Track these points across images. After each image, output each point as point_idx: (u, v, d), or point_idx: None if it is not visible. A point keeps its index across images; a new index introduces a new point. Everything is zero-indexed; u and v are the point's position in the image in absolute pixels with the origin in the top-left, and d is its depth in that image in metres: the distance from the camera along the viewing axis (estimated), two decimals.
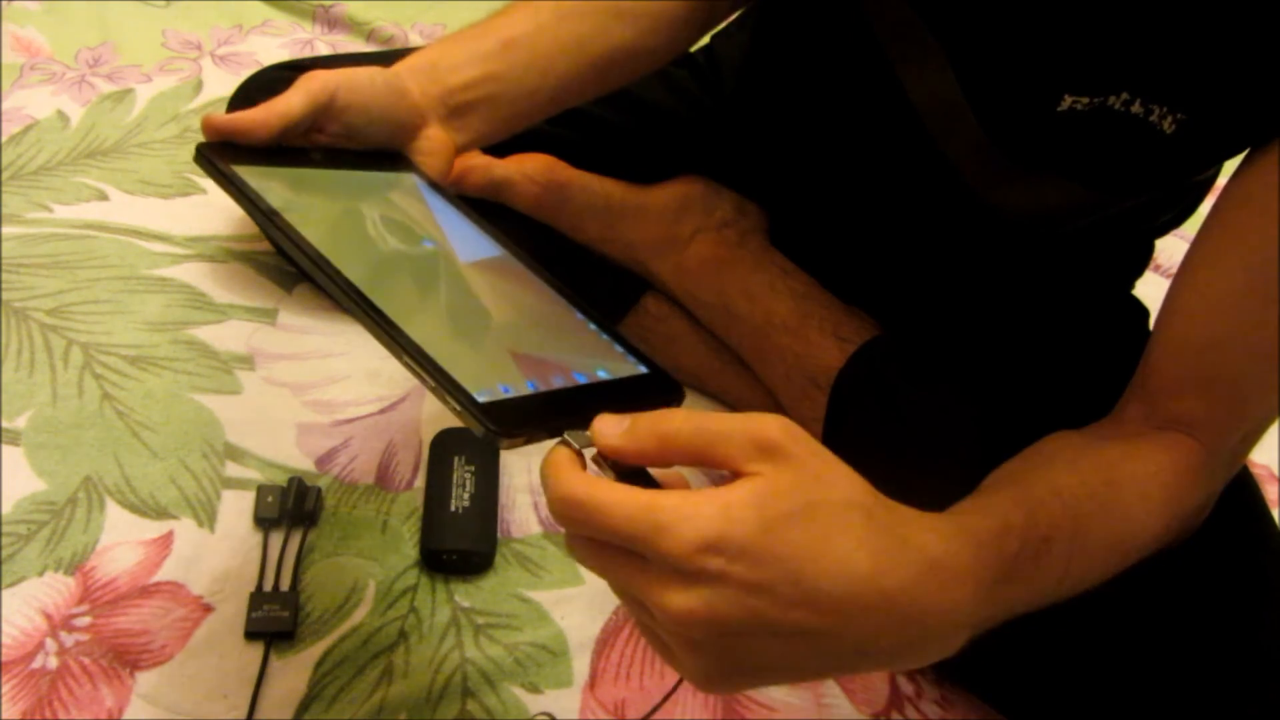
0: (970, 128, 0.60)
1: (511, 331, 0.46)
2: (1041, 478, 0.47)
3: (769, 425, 0.35)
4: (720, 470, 0.35)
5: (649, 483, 0.37)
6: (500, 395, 0.40)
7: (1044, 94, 0.55)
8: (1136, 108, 0.53)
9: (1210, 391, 0.51)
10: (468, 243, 0.52)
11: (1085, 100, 0.55)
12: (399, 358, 0.42)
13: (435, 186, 0.56)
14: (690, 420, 0.35)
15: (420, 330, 0.43)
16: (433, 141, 0.56)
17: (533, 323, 0.48)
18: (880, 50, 0.62)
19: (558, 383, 0.43)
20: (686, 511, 0.33)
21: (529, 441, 0.39)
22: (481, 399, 0.38)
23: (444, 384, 0.39)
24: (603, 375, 0.44)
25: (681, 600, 0.33)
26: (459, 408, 0.38)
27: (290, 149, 0.54)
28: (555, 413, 0.41)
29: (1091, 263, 0.74)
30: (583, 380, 0.43)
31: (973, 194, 0.64)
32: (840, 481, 0.37)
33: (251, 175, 0.49)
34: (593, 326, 0.48)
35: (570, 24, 0.62)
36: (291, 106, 0.51)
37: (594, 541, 0.35)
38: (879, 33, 0.62)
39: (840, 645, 0.36)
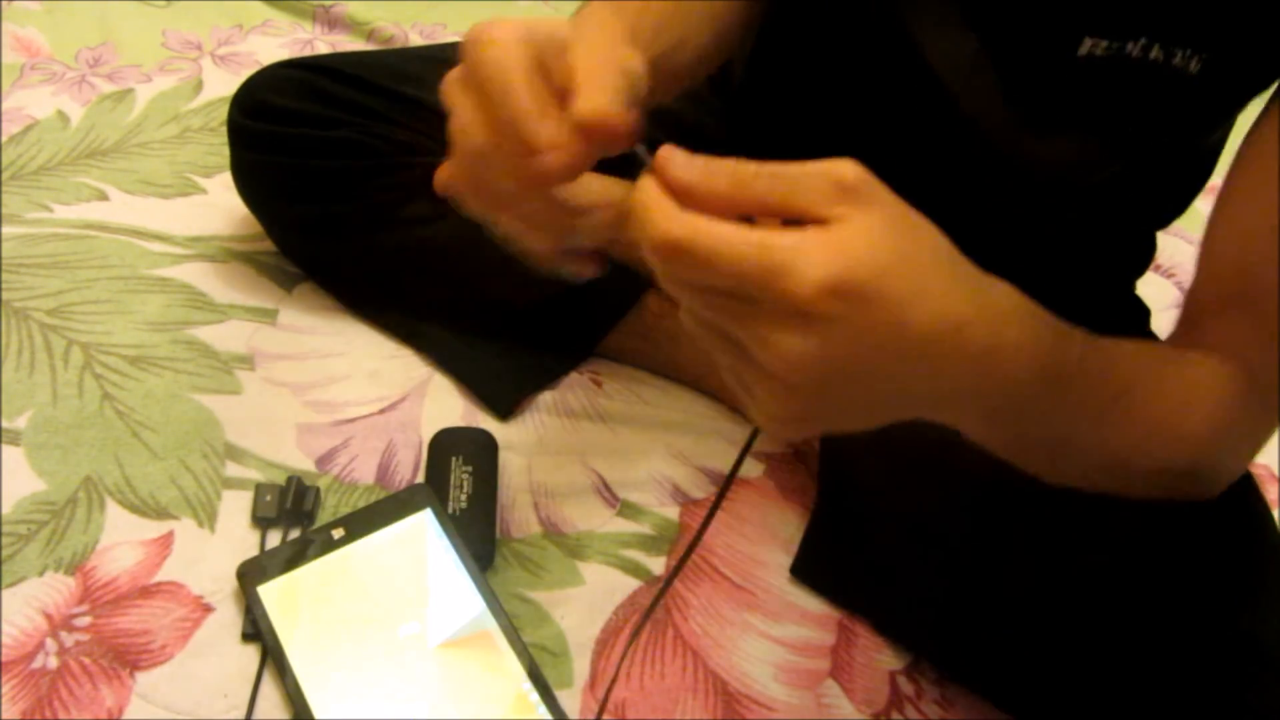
0: (990, 83, 0.60)
1: None
2: (1107, 342, 0.47)
3: (846, 168, 0.34)
4: (795, 218, 0.34)
5: None
6: None
7: (1064, 37, 0.55)
8: (1155, 53, 0.53)
9: (1248, 310, 0.51)
10: (450, 609, 0.63)
11: (1105, 44, 0.54)
12: None
13: (446, 526, 0.67)
14: (763, 166, 0.34)
15: None
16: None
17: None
18: (894, 13, 0.62)
19: None
20: (806, 252, 0.32)
21: None
22: None
23: None
24: None
25: (795, 343, 0.33)
26: None
27: (313, 534, 0.65)
28: None
29: (1096, 258, 0.74)
30: None
31: (994, 153, 0.64)
32: (922, 224, 0.36)
33: (274, 595, 0.62)
34: (542, 712, 0.58)
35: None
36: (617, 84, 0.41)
37: (696, 283, 0.34)
38: None
39: (920, 388, 0.37)
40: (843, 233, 0.33)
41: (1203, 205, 1.27)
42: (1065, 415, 0.45)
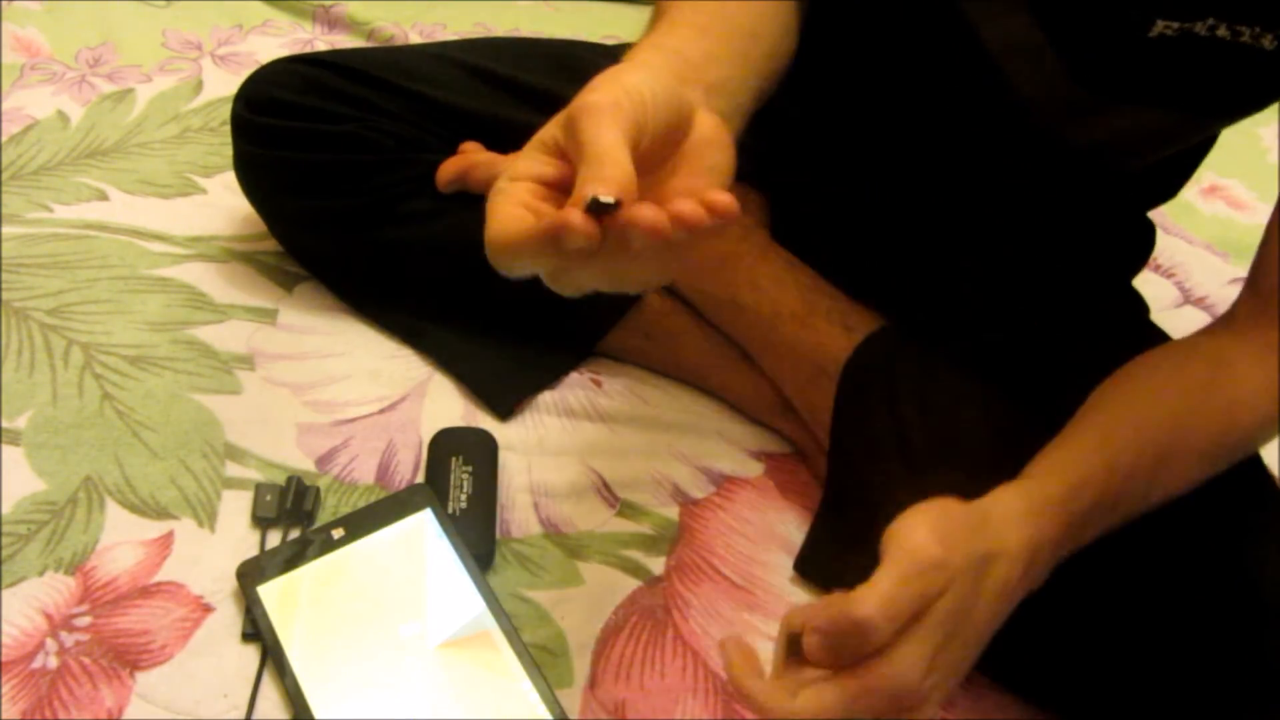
0: (1050, 64, 0.60)
1: None
2: (1124, 418, 0.54)
3: (933, 564, 0.45)
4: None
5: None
6: None
7: (1136, 21, 0.55)
8: (1222, 31, 0.54)
9: None
10: (450, 609, 0.63)
11: (1175, 25, 0.55)
12: None
13: (446, 526, 0.67)
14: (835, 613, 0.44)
15: None
16: (707, 128, 0.43)
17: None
18: (950, 6, 0.62)
19: None
20: (896, 670, 0.43)
21: None
22: None
23: None
24: None
25: (928, 711, 0.45)
26: None
27: (313, 534, 0.65)
28: None
29: (1101, 246, 0.74)
30: None
31: (1042, 135, 0.64)
32: (927, 546, 0.45)
33: (274, 594, 0.62)
34: (542, 712, 0.58)
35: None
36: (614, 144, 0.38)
37: None
38: None
39: (992, 627, 0.48)
40: (910, 639, 0.44)
41: (1200, 203, 1.28)
42: (1117, 514, 0.52)
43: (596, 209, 0.35)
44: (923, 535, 0.45)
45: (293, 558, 0.64)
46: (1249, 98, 0.59)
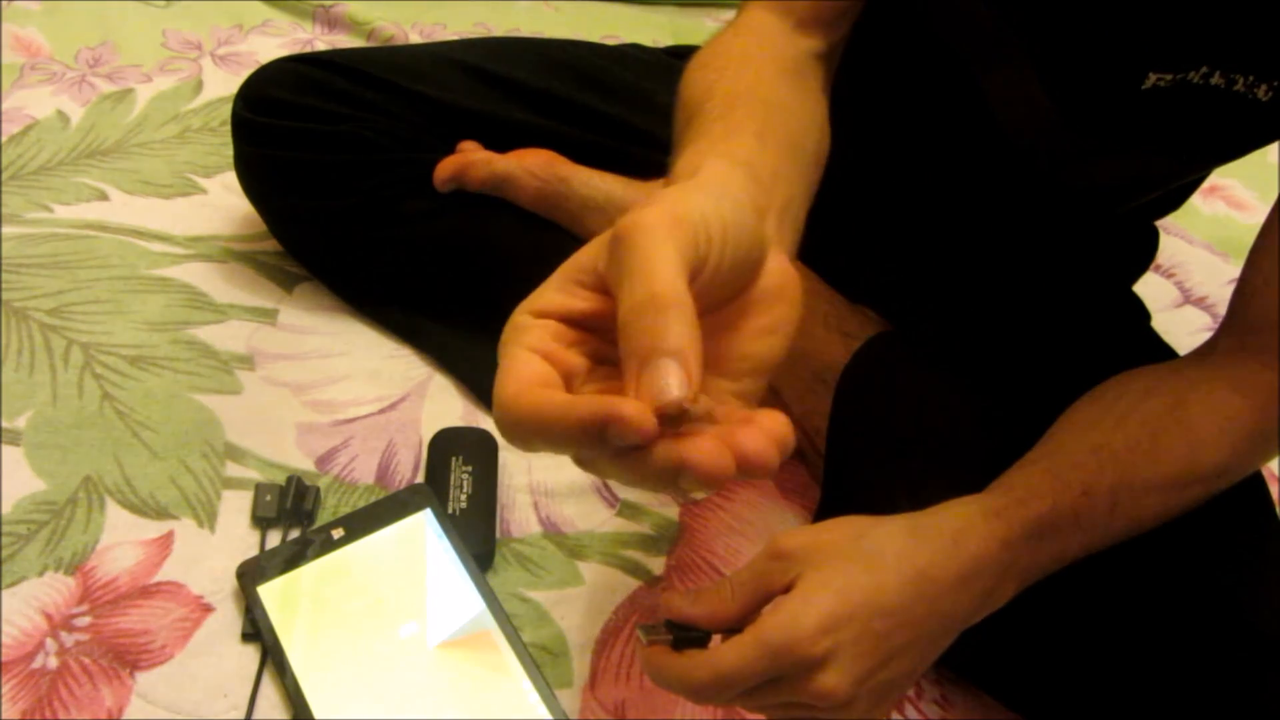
0: (1046, 113, 0.60)
1: None
2: (1081, 442, 0.53)
3: (774, 548, 0.46)
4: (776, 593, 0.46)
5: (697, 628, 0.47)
6: None
7: (1128, 75, 0.56)
8: (1217, 79, 0.54)
9: None
10: (450, 609, 0.63)
11: (1169, 77, 0.55)
12: None
13: (445, 525, 0.67)
14: (738, 581, 0.46)
15: None
16: (777, 277, 0.39)
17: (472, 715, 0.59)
18: (951, 56, 0.62)
19: None
20: (785, 626, 0.43)
21: None
22: None
23: None
24: None
25: (827, 680, 0.43)
26: None
27: (313, 534, 0.66)
28: None
29: (1102, 257, 0.75)
30: None
31: (1042, 176, 0.65)
32: (841, 537, 0.47)
33: (274, 594, 0.62)
34: (542, 712, 0.59)
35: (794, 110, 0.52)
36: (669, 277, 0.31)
37: (741, 692, 0.44)
38: (954, 39, 0.62)
39: (931, 632, 0.46)
40: (801, 592, 0.44)
41: (1199, 203, 1.27)
42: (1078, 536, 0.51)
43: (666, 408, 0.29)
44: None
45: (293, 558, 0.64)
46: (1244, 142, 0.59)
